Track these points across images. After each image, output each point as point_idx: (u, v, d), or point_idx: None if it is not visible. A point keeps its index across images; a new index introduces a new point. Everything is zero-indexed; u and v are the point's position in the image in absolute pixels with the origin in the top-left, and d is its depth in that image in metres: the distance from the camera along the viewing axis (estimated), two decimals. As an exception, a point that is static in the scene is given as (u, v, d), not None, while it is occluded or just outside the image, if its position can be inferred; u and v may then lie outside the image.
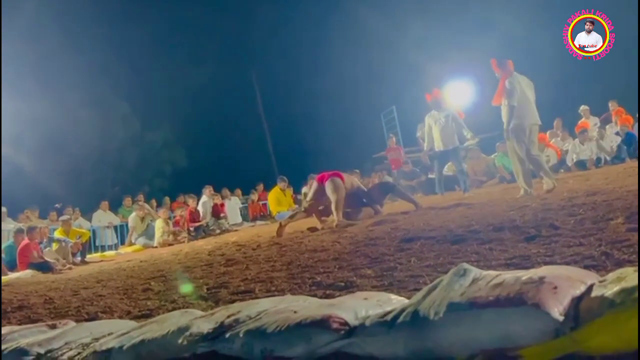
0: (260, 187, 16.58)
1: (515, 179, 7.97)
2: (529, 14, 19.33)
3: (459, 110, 10.60)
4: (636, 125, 13.63)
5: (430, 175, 14.74)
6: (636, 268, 1.39)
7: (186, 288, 3.86)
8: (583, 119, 14.25)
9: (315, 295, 2.98)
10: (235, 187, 16.63)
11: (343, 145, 21.91)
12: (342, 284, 3.15)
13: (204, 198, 13.86)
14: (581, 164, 12.44)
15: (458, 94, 18.88)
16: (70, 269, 9.71)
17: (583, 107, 14.38)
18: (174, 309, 3.29)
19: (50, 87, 18.98)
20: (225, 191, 15.23)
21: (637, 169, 8.58)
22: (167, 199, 15.50)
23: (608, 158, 12.57)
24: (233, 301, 3.26)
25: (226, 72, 25.45)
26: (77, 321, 3.34)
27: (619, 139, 12.82)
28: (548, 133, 14.00)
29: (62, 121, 19.49)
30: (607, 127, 13.61)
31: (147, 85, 23.09)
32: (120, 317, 3.41)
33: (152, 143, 25.41)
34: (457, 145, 10.17)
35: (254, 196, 15.93)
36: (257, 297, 3.22)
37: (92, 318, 3.55)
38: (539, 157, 7.88)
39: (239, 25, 25.47)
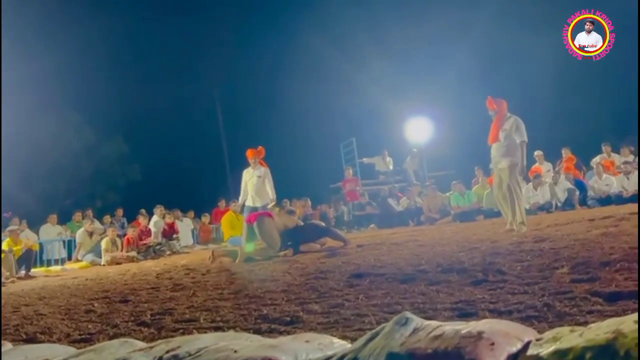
0: (222, 202, 16.37)
1: (504, 215, 8.19)
2: (486, 52, 19.85)
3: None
4: (588, 173, 14.01)
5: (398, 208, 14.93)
6: (572, 328, 1.42)
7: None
8: (537, 164, 14.57)
9: (260, 329, 2.96)
10: (189, 206, 16.47)
11: (301, 173, 21.99)
12: (288, 318, 3.13)
13: (155, 217, 13.67)
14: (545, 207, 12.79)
15: (416, 130, 19.24)
16: (13, 282, 9.45)
17: (537, 153, 14.71)
18: (114, 334, 3.22)
19: (5, 89, 18.50)
20: (177, 212, 15.04)
21: (585, 217, 8.82)
22: (107, 217, 15.22)
23: (559, 204, 12.87)
24: (177, 329, 3.21)
25: (188, 89, 25.40)
26: (14, 341, 3.24)
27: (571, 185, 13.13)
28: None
29: (15, 124, 19.04)
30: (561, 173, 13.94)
31: (105, 96, 22.82)
32: (59, 340, 3.31)
33: (107, 155, 25.03)
34: (266, 202, 10.57)
35: (205, 218, 15.78)
36: (201, 327, 3.19)
37: (30, 339, 3.46)
38: (522, 197, 8.19)
39: (204, 45, 25.49)
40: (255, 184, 10.57)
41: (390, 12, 21.63)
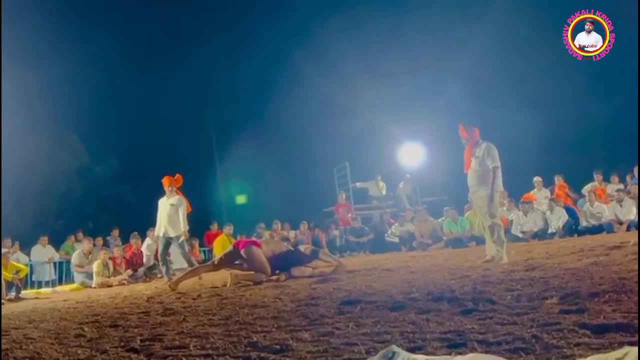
0: (215, 226, 16.31)
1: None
2: (478, 79, 20.01)
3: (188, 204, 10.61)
4: (580, 200, 14.05)
5: (388, 238, 14.92)
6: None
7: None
8: (535, 190, 14.62)
9: (249, 357, 2.96)
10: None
11: (295, 196, 21.98)
12: (278, 347, 3.12)
13: (148, 241, 13.61)
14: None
15: (409, 156, 19.36)
16: (3, 304, 9.38)
17: (537, 179, 14.78)
18: (103, 361, 3.21)
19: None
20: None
21: (577, 245, 8.85)
22: (99, 239, 15.13)
23: (554, 230, 12.87)
24: (166, 357, 3.19)
25: (182, 113, 25.42)
26: (2, 367, 3.23)
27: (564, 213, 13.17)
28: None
29: (8, 144, 18.98)
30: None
31: (99, 116, 22.79)
32: (47, 366, 3.30)
33: (100, 176, 24.93)
34: (179, 233, 10.18)
35: (195, 242, 15.71)
36: (190, 355, 3.17)
37: (18, 364, 3.44)
38: (501, 224, 8.15)
39: (198, 69, 25.59)
40: (168, 212, 10.09)
41: (382, 39, 21.79)
